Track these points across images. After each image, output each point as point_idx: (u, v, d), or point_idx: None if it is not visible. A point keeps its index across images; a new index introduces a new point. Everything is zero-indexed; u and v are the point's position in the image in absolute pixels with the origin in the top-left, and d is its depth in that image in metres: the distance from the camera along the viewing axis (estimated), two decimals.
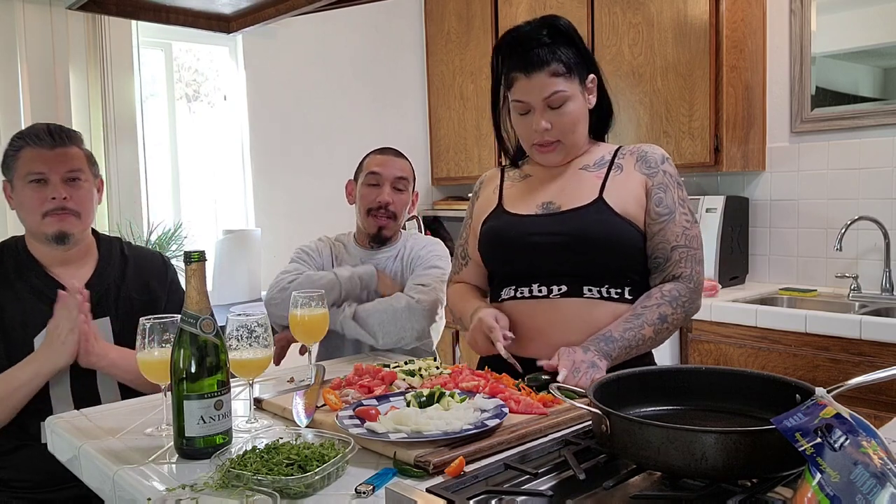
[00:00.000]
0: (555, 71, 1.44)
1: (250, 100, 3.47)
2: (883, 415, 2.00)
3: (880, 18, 2.66)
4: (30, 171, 1.65)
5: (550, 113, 1.47)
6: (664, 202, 1.48)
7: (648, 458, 0.90)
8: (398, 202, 1.97)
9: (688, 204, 1.51)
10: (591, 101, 1.52)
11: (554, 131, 1.48)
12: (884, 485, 0.72)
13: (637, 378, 1.13)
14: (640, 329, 1.41)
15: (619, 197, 1.47)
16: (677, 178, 1.52)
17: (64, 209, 1.66)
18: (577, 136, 1.51)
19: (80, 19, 2.86)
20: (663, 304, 1.43)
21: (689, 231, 1.48)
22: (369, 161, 2.02)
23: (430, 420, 1.14)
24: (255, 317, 1.32)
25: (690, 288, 1.47)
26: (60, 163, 1.67)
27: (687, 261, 1.47)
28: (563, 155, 1.53)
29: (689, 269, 1.48)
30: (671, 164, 1.53)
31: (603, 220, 1.45)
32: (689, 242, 1.48)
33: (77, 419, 1.40)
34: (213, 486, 0.98)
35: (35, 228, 1.68)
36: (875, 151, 2.69)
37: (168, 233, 3.11)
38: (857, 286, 2.68)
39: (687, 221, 1.49)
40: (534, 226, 1.50)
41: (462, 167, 3.97)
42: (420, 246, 1.99)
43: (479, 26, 3.77)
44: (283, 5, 1.71)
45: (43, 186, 1.65)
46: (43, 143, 1.67)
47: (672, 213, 1.48)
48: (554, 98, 1.45)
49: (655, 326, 1.42)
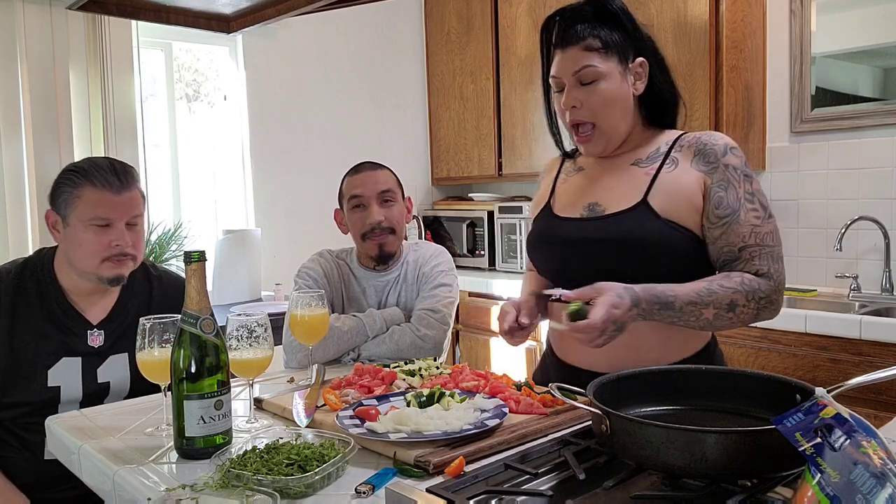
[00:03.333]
0: (589, 45, 1.36)
1: (250, 100, 3.47)
2: (883, 415, 2.00)
3: (880, 18, 2.66)
4: (96, 215, 1.57)
5: (580, 90, 1.38)
6: (724, 202, 1.33)
7: (648, 458, 0.90)
8: (390, 217, 1.85)
9: (758, 197, 1.34)
10: (638, 87, 1.40)
11: (584, 110, 1.38)
12: (884, 485, 0.72)
13: (637, 378, 1.13)
14: (703, 308, 1.28)
15: (668, 199, 1.35)
16: (744, 169, 1.35)
17: (126, 255, 1.61)
18: (612, 120, 1.39)
19: (80, 19, 2.86)
20: (739, 292, 1.28)
21: (760, 228, 1.32)
22: (347, 185, 1.89)
23: (430, 420, 1.14)
24: (255, 317, 1.32)
25: (772, 287, 1.30)
26: (126, 209, 1.61)
27: (763, 258, 1.31)
28: (602, 144, 1.42)
29: (767, 266, 1.31)
30: (736, 153, 1.36)
31: (644, 224, 1.34)
32: (761, 240, 1.32)
33: (77, 419, 1.40)
34: (213, 486, 0.98)
35: (91, 270, 1.61)
36: (875, 151, 2.69)
37: (168, 233, 3.11)
38: (857, 286, 2.68)
39: (757, 218, 1.32)
40: (576, 230, 1.42)
41: (462, 167, 3.97)
42: (424, 260, 1.91)
43: (479, 26, 3.77)
44: (283, 5, 1.71)
45: (105, 231, 1.59)
46: (110, 185, 1.59)
47: (735, 212, 1.32)
48: (584, 73, 1.36)
49: (720, 311, 1.29)
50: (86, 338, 1.64)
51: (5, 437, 1.62)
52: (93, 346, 1.64)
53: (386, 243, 1.85)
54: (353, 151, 3.44)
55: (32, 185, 2.79)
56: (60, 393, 1.60)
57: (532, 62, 3.53)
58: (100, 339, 1.65)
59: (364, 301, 1.91)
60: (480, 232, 3.75)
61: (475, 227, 3.78)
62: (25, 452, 1.60)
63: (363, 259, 1.93)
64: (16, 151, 2.77)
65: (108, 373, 1.64)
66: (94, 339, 1.65)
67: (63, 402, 1.61)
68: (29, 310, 1.62)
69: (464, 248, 3.82)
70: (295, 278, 1.91)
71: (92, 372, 1.63)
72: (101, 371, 1.64)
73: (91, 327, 1.65)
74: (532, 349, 3.21)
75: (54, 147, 2.82)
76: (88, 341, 1.64)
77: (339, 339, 1.74)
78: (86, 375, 1.62)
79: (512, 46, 3.63)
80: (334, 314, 1.80)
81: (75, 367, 1.62)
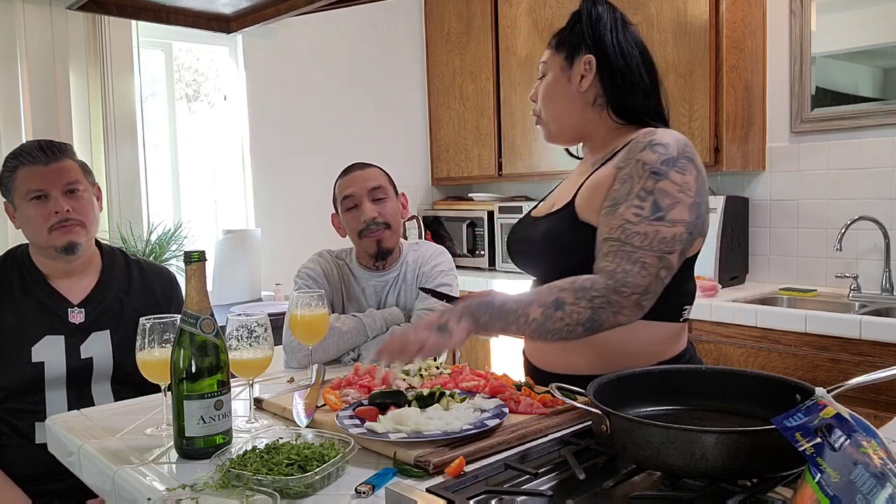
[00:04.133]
0: (550, 43, 1.45)
1: (250, 100, 3.47)
2: (883, 415, 2.00)
3: (880, 18, 2.66)
4: (29, 188, 1.68)
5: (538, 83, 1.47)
6: (614, 195, 1.27)
7: (648, 458, 0.90)
8: (384, 212, 1.85)
9: (656, 197, 1.23)
10: (583, 84, 1.38)
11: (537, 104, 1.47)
12: (884, 485, 0.72)
13: (637, 378, 1.13)
14: (528, 306, 1.22)
15: (587, 198, 1.33)
16: (655, 166, 1.24)
17: (68, 220, 1.69)
18: (552, 112, 1.43)
19: (80, 19, 2.86)
20: (566, 291, 1.20)
21: (632, 226, 1.21)
22: (339, 187, 1.90)
23: (430, 420, 1.14)
24: (255, 317, 1.32)
25: (608, 286, 1.19)
26: (57, 177, 1.70)
27: (615, 256, 1.21)
28: (547, 130, 1.47)
29: (614, 265, 1.20)
30: (657, 150, 1.26)
31: (558, 226, 1.36)
32: (625, 238, 1.21)
33: (77, 419, 1.40)
34: (213, 486, 0.98)
35: (43, 243, 1.70)
36: (875, 151, 2.69)
37: (168, 233, 3.11)
38: (857, 286, 2.68)
39: (636, 215, 1.22)
40: (522, 230, 1.50)
41: (462, 167, 3.97)
42: (424, 260, 1.92)
43: (479, 26, 3.77)
44: (283, 5, 1.71)
45: (44, 202, 1.69)
46: (37, 160, 1.70)
47: (616, 205, 1.25)
48: (540, 67, 1.46)
49: (545, 310, 1.20)
50: (67, 315, 1.71)
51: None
52: (74, 323, 1.71)
53: (383, 239, 1.85)
54: (353, 151, 3.43)
55: None
56: (45, 369, 1.66)
57: (532, 62, 3.53)
58: (80, 316, 1.72)
59: (364, 301, 1.91)
60: (480, 232, 3.76)
61: (475, 227, 3.78)
62: (20, 439, 1.64)
63: (362, 259, 1.93)
64: None
65: (90, 349, 1.71)
66: (74, 315, 1.72)
67: (49, 380, 1.66)
68: (12, 295, 1.71)
69: (464, 248, 3.82)
70: (295, 278, 1.91)
71: (75, 348, 1.69)
72: (83, 347, 1.70)
73: (72, 306, 1.72)
74: None
75: None
76: (70, 318, 1.71)
77: (339, 339, 1.74)
78: (69, 351, 1.68)
79: (512, 46, 3.63)
80: (334, 314, 1.81)
81: (59, 344, 1.68)
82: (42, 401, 1.65)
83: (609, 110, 1.40)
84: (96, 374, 1.71)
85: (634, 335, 1.33)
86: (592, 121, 1.42)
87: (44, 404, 1.65)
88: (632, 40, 1.41)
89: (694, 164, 1.28)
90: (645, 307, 1.22)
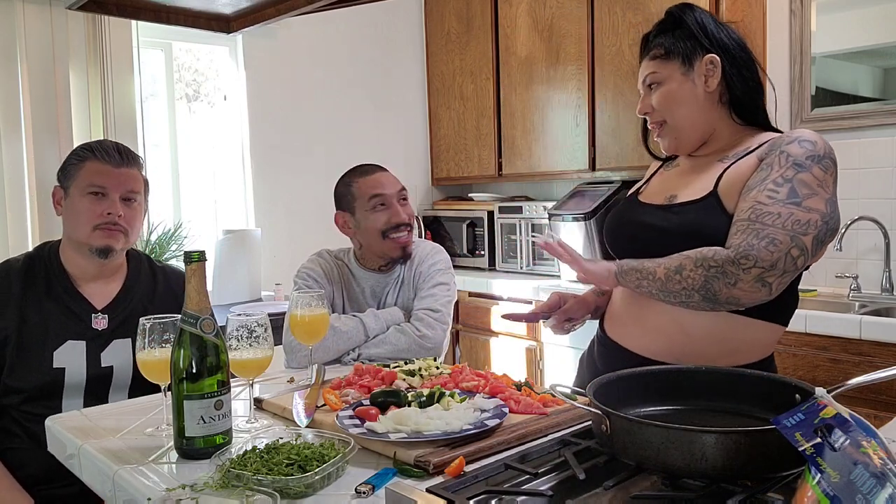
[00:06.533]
0: (653, 55, 1.47)
1: (250, 100, 3.47)
2: (883, 415, 2.01)
3: (880, 18, 2.66)
4: (91, 182, 1.67)
5: (649, 95, 1.49)
6: (750, 182, 1.30)
7: (648, 458, 0.90)
8: (410, 215, 1.90)
9: (794, 185, 1.25)
10: (710, 84, 1.41)
11: (655, 113, 1.48)
12: (884, 485, 0.72)
13: (637, 378, 1.13)
14: (658, 266, 1.30)
15: (729, 189, 1.34)
16: (799, 158, 1.27)
17: (116, 225, 1.68)
18: (678, 117, 1.44)
19: (80, 19, 2.86)
20: (689, 258, 1.26)
21: (764, 206, 1.24)
22: (362, 186, 1.87)
23: (430, 420, 1.14)
24: (255, 317, 1.32)
25: (728, 257, 1.22)
26: (122, 181, 1.70)
27: (742, 233, 1.24)
28: (673, 138, 1.46)
29: (740, 240, 1.23)
30: (804, 145, 1.29)
31: (707, 215, 1.34)
32: (755, 216, 1.23)
33: (77, 419, 1.41)
34: (213, 486, 0.98)
35: (83, 238, 1.68)
36: (875, 151, 2.69)
37: (168, 233, 3.11)
38: (857, 286, 2.68)
39: (769, 198, 1.24)
40: (648, 215, 1.46)
41: (462, 167, 3.97)
42: (421, 259, 1.92)
43: (479, 26, 3.77)
44: (283, 5, 1.71)
45: (100, 200, 1.68)
46: (110, 159, 1.69)
47: (751, 190, 1.28)
48: (649, 79, 1.48)
49: (668, 272, 1.28)
50: (90, 321, 1.69)
51: (12, 429, 1.64)
52: (97, 329, 1.70)
53: (408, 244, 1.89)
54: (353, 151, 3.43)
55: (32, 185, 2.79)
56: (65, 375, 1.64)
57: (532, 62, 3.53)
58: (104, 322, 1.71)
59: (363, 301, 1.91)
60: (480, 232, 3.76)
61: (475, 227, 3.78)
62: (31, 441, 1.62)
63: (370, 260, 1.92)
64: (16, 151, 2.77)
65: (111, 357, 1.69)
66: (98, 322, 1.70)
67: (67, 387, 1.65)
68: (38, 295, 1.69)
69: (464, 248, 3.82)
70: (294, 278, 1.91)
71: (96, 355, 1.68)
72: (104, 355, 1.68)
73: (96, 311, 1.71)
74: (532, 349, 3.22)
75: (54, 147, 2.82)
76: (93, 324, 1.69)
77: (339, 339, 1.74)
78: (90, 358, 1.67)
79: (512, 46, 3.63)
80: (334, 314, 1.81)
81: (80, 349, 1.67)
82: (59, 406, 1.63)
83: (732, 110, 1.44)
84: (115, 383, 1.69)
85: (735, 332, 1.34)
86: (720, 119, 1.45)
87: (60, 410, 1.62)
88: (735, 36, 1.46)
89: (835, 168, 1.30)
90: (771, 285, 1.23)
